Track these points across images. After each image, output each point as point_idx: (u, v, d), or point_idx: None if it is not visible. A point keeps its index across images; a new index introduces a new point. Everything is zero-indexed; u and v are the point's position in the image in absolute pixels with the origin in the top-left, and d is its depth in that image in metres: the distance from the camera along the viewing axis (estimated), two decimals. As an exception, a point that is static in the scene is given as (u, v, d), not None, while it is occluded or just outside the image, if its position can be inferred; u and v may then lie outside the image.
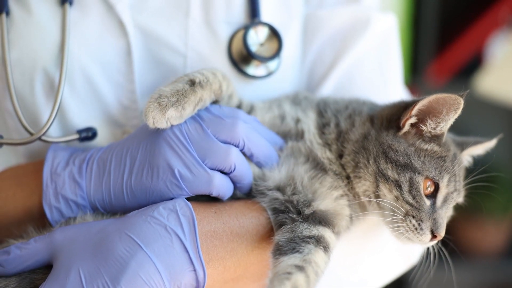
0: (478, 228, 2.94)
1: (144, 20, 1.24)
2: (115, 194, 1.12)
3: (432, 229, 1.12)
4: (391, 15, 1.39)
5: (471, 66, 2.87)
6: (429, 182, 1.13)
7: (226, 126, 1.11)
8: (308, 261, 1.04)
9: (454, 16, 2.96)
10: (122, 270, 0.99)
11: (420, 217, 1.12)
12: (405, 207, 1.12)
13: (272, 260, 1.06)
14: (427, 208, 1.13)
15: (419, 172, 1.12)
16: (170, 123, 1.08)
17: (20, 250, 1.06)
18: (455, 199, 1.17)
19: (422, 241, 1.13)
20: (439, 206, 1.14)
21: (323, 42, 1.34)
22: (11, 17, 1.22)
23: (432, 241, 1.14)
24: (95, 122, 1.25)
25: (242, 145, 1.12)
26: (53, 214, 1.14)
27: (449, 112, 1.13)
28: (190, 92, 1.10)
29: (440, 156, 1.15)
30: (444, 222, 1.14)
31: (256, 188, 1.14)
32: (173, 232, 1.03)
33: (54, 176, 1.14)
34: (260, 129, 1.17)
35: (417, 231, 1.12)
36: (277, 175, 1.14)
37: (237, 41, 1.26)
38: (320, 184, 1.14)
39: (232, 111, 1.15)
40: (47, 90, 1.22)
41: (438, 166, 1.14)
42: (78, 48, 1.22)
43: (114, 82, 1.24)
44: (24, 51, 1.21)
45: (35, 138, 1.17)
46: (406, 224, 1.12)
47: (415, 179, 1.12)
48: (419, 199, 1.12)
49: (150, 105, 1.07)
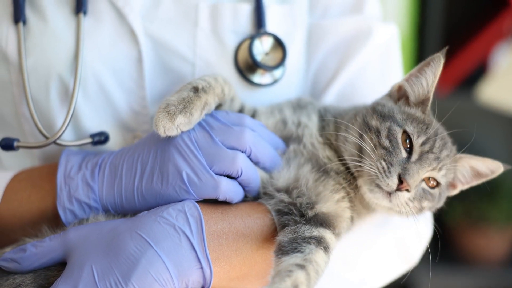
0: (482, 235, 2.93)
1: (155, 29, 1.28)
2: (126, 197, 1.15)
3: (400, 174, 1.14)
4: (393, 25, 1.42)
5: (475, 75, 2.88)
6: (408, 139, 1.17)
7: (233, 134, 1.15)
8: (309, 260, 1.07)
9: (459, 26, 2.98)
10: (133, 267, 1.03)
11: (390, 160, 1.15)
12: (380, 153, 1.15)
13: (275, 259, 1.09)
14: (401, 157, 1.15)
15: (399, 124, 1.17)
16: (180, 130, 1.12)
17: (36, 248, 1.09)
18: (432, 164, 1.16)
19: (389, 186, 1.13)
20: (413, 161, 1.16)
21: (327, 51, 1.38)
22: (28, 25, 1.26)
23: (400, 189, 1.13)
24: (107, 127, 1.28)
25: (249, 151, 1.15)
26: (67, 216, 1.17)
27: (427, 68, 1.20)
28: (195, 98, 1.13)
29: (422, 121, 1.19)
30: (415, 175, 1.14)
31: (264, 191, 1.17)
32: (182, 232, 1.06)
33: (68, 179, 1.18)
34: (265, 134, 1.20)
35: (385, 173, 1.14)
36: (284, 178, 1.17)
37: (243, 51, 1.29)
38: (324, 187, 1.17)
39: (239, 117, 1.19)
40: (62, 96, 1.25)
41: (417, 127, 1.18)
42: (91, 56, 1.25)
43: (126, 88, 1.28)
44: (40, 58, 1.24)
45: (50, 141, 1.21)
46: (376, 166, 1.14)
47: (393, 128, 1.17)
48: (395, 144, 1.16)
49: (159, 115, 1.11)
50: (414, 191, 1.16)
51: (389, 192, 1.14)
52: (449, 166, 1.19)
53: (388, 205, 1.16)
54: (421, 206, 1.18)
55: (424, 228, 1.38)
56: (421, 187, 1.17)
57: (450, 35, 2.89)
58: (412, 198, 1.16)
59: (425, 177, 1.17)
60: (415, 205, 1.17)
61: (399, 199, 1.14)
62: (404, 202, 1.15)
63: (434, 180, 1.19)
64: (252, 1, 1.32)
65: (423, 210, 1.20)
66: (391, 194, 1.14)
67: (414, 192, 1.16)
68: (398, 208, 1.16)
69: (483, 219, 2.91)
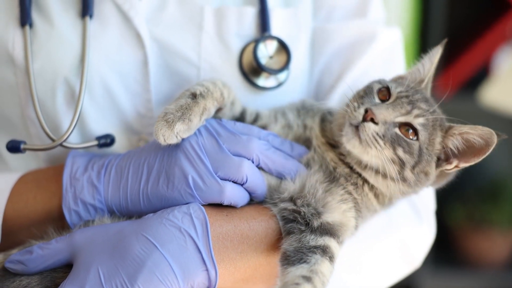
0: (485, 238, 2.94)
1: (160, 33, 1.28)
2: (132, 199, 1.16)
3: (367, 107, 1.15)
4: (396, 29, 1.43)
5: (478, 78, 2.89)
6: (387, 95, 1.19)
7: (241, 142, 1.16)
8: (315, 272, 1.07)
9: (461, 29, 2.99)
10: (139, 269, 1.03)
11: (362, 101, 1.17)
12: (355, 101, 1.18)
13: (281, 269, 1.10)
14: (373, 101, 1.18)
15: (380, 83, 1.22)
16: (180, 137, 1.13)
17: (42, 250, 1.10)
18: (404, 107, 1.15)
19: (356, 118, 1.14)
20: (386, 103, 1.17)
21: (331, 54, 1.38)
22: (34, 29, 1.26)
23: (366, 119, 1.14)
24: (112, 129, 1.29)
25: (256, 159, 1.16)
26: (72, 217, 1.18)
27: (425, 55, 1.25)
28: (193, 104, 1.15)
29: (408, 85, 1.21)
30: (384, 110, 1.14)
31: (270, 197, 1.18)
32: (187, 234, 1.07)
33: (73, 181, 1.18)
34: (277, 143, 1.21)
35: (354, 109, 1.16)
36: (291, 186, 1.17)
37: (247, 54, 1.30)
38: (332, 197, 1.17)
39: (247, 127, 1.20)
40: (68, 99, 1.26)
41: (400, 84, 1.21)
42: (97, 59, 1.26)
43: (131, 91, 1.28)
44: (46, 61, 1.25)
45: (56, 144, 1.22)
46: (350, 108, 1.17)
47: (372, 84, 1.21)
48: (368, 93, 1.19)
49: (158, 124, 1.12)
50: (384, 127, 1.13)
51: (357, 126, 1.14)
52: (432, 121, 1.16)
53: (360, 148, 1.15)
54: (397, 155, 1.14)
55: (427, 230, 1.38)
56: (394, 131, 1.14)
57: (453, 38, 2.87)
58: (382, 135, 1.13)
59: (400, 121, 1.15)
60: (389, 149, 1.14)
61: (366, 131, 1.13)
62: (371, 135, 1.13)
63: (411, 127, 1.15)
64: (256, 4, 1.33)
65: (404, 167, 1.15)
66: (359, 127, 1.14)
67: (384, 130, 1.13)
68: (371, 150, 1.14)
69: (486, 222, 2.92)
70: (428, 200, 1.40)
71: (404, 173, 1.16)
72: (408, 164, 1.15)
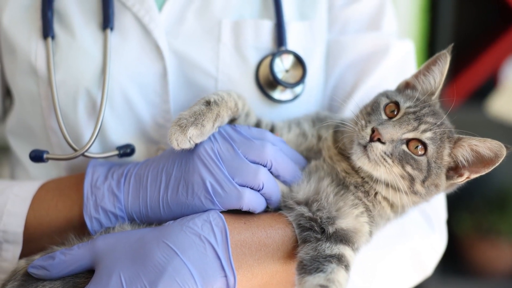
0: (492, 247, 2.94)
1: (179, 45, 1.31)
2: (152, 207, 1.18)
3: (373, 127, 1.17)
4: (409, 41, 1.46)
5: (485, 88, 2.90)
6: (395, 110, 1.20)
7: (255, 148, 1.18)
8: (331, 280, 1.10)
9: (469, 40, 3.00)
10: (159, 275, 1.05)
11: (369, 119, 1.19)
12: (363, 118, 1.20)
13: (298, 277, 1.12)
14: (380, 118, 1.19)
15: (388, 97, 1.23)
16: (193, 141, 1.15)
17: (65, 255, 1.12)
18: (411, 123, 1.17)
19: (363, 138, 1.16)
20: (393, 120, 1.19)
21: (345, 66, 1.41)
22: (57, 41, 1.29)
23: (372, 138, 1.15)
24: (131, 139, 1.32)
25: (269, 165, 1.18)
26: (93, 224, 1.20)
27: (435, 66, 1.25)
28: (206, 111, 1.17)
29: (418, 98, 1.22)
30: (390, 129, 1.16)
31: (284, 203, 1.20)
32: (207, 241, 1.09)
33: (94, 189, 1.21)
34: (286, 150, 1.23)
35: (362, 128, 1.18)
36: (304, 191, 1.19)
37: (264, 68, 1.32)
38: (344, 202, 1.19)
39: (261, 132, 1.22)
40: (89, 109, 1.28)
41: (408, 98, 1.22)
42: (118, 71, 1.28)
43: (150, 102, 1.31)
44: (68, 72, 1.28)
45: (78, 154, 1.24)
46: (357, 126, 1.19)
47: (379, 98, 1.23)
48: (375, 109, 1.20)
49: (172, 129, 1.15)
50: (391, 146, 1.16)
51: (365, 145, 1.16)
52: (440, 134, 1.18)
53: (369, 165, 1.17)
54: (406, 172, 1.16)
55: (439, 239, 1.40)
56: (402, 148, 1.16)
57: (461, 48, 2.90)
58: (390, 153, 1.15)
59: (408, 138, 1.17)
60: (397, 167, 1.16)
61: (373, 151, 1.15)
62: (379, 155, 1.15)
63: (420, 143, 1.17)
64: (273, 18, 1.35)
65: (414, 182, 1.17)
66: (367, 147, 1.16)
67: (392, 148, 1.16)
68: (380, 168, 1.16)
69: (493, 231, 2.92)
70: (440, 209, 1.42)
71: (415, 187, 1.18)
72: (418, 179, 1.17)
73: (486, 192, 2.98)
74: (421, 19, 2.81)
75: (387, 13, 1.44)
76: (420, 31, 2.81)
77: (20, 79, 1.32)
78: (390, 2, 1.47)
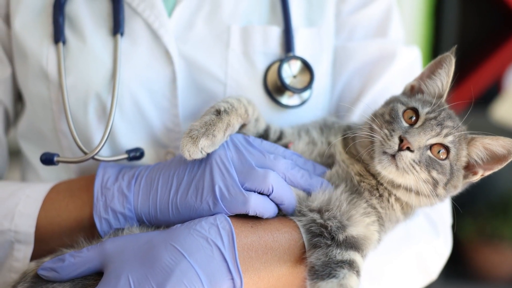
0: (495, 251, 2.95)
1: (188, 50, 1.33)
2: (161, 209, 1.19)
3: (401, 135, 1.18)
4: (415, 48, 1.47)
5: (489, 94, 2.92)
6: (412, 116, 1.22)
7: (268, 160, 1.19)
8: (344, 286, 1.11)
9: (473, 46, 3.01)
10: (167, 277, 1.06)
11: (392, 128, 1.19)
12: (384, 126, 1.20)
13: (310, 283, 1.13)
14: (402, 125, 1.20)
15: (403, 103, 1.24)
16: (205, 152, 1.17)
17: (74, 258, 1.13)
18: (434, 129, 1.19)
19: (391, 147, 1.17)
20: (416, 127, 1.20)
21: (352, 72, 1.42)
22: (67, 46, 1.31)
23: (401, 148, 1.17)
24: (140, 143, 1.33)
25: (283, 177, 1.19)
26: (103, 225, 1.21)
27: (441, 69, 1.27)
28: (217, 121, 1.18)
29: (430, 102, 1.24)
30: (417, 136, 1.18)
31: (299, 209, 1.21)
32: (214, 244, 1.10)
33: (104, 190, 1.22)
34: (301, 162, 1.24)
35: (387, 137, 1.19)
36: (319, 199, 1.20)
37: (272, 73, 1.34)
38: (356, 211, 1.20)
39: (273, 146, 1.24)
40: (99, 113, 1.30)
41: (423, 103, 1.23)
42: (128, 75, 1.30)
43: (160, 106, 1.32)
44: (79, 77, 1.29)
45: (89, 157, 1.26)
46: (380, 135, 1.19)
47: (396, 106, 1.23)
48: (395, 117, 1.21)
49: (184, 140, 1.16)
50: (419, 153, 1.17)
51: (393, 154, 1.17)
52: (458, 136, 1.21)
53: (396, 173, 1.18)
54: (431, 177, 1.19)
55: (444, 244, 1.41)
56: (428, 154, 1.18)
57: (465, 54, 2.92)
58: (418, 161, 1.17)
59: (431, 143, 1.19)
60: (424, 173, 1.18)
61: (403, 160, 1.17)
62: (409, 163, 1.17)
63: (443, 147, 1.20)
64: (281, 24, 1.37)
65: (438, 186, 1.20)
66: (396, 156, 1.17)
67: (419, 155, 1.17)
68: (409, 176, 1.17)
69: (496, 236, 2.93)
70: (445, 214, 1.43)
71: (437, 190, 1.20)
72: (441, 183, 1.20)
73: (489, 197, 2.99)
74: (426, 24, 2.82)
75: (393, 20, 1.46)
76: (425, 37, 2.82)
77: (32, 83, 1.33)
78: (396, 9, 1.48)
